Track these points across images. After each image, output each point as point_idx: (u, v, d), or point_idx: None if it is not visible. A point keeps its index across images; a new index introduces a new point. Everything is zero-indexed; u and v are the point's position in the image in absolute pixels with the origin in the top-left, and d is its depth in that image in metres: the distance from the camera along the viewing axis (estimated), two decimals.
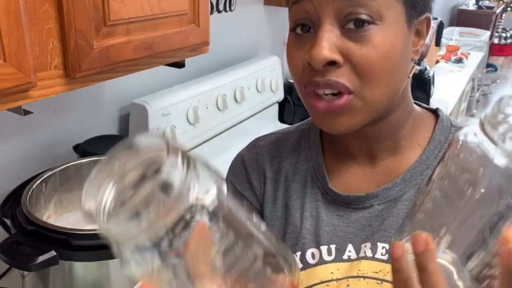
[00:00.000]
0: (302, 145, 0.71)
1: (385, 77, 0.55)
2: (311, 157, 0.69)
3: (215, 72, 1.55)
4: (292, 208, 0.68)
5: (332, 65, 0.53)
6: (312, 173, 0.68)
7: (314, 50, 0.53)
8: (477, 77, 4.45)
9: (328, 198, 0.66)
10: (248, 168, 0.73)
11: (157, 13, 0.79)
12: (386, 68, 0.54)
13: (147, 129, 1.24)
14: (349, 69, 0.54)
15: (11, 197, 0.88)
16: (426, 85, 2.08)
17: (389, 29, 0.54)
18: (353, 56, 0.53)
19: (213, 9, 1.52)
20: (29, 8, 0.61)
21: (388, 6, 0.54)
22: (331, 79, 0.54)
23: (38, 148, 1.09)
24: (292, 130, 0.74)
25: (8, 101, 0.62)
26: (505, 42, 6.49)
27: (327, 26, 0.53)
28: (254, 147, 0.74)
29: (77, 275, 0.78)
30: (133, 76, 0.87)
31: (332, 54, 0.53)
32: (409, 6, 0.56)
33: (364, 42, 0.53)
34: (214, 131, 1.49)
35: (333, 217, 0.65)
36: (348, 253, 0.63)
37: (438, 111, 0.67)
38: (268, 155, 0.72)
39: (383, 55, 0.53)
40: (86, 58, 0.69)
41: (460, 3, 5.53)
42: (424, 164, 0.63)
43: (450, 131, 0.65)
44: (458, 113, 2.95)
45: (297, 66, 0.57)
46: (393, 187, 0.63)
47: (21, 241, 0.75)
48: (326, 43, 0.53)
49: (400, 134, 0.64)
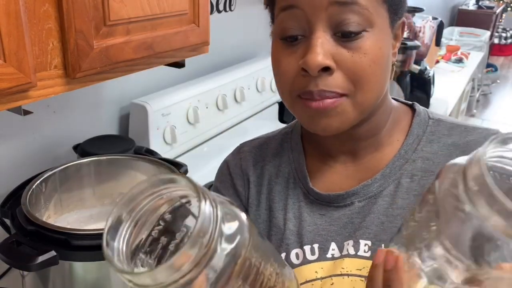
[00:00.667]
0: (285, 148, 0.73)
1: (375, 82, 0.57)
2: (293, 159, 0.71)
3: (215, 72, 1.55)
4: (275, 210, 0.69)
5: (326, 71, 0.55)
6: (294, 174, 0.69)
7: (309, 56, 0.54)
8: (477, 77, 4.44)
9: (310, 198, 0.67)
10: (232, 173, 0.74)
11: (157, 13, 0.79)
12: (376, 73, 0.56)
13: (147, 129, 1.24)
14: (342, 74, 0.55)
15: (11, 197, 0.88)
16: (426, 85, 2.08)
17: (378, 35, 0.56)
18: (345, 62, 0.55)
19: (213, 9, 1.52)
20: (29, 8, 0.61)
21: (377, 13, 0.55)
22: (324, 89, 0.55)
23: (38, 148, 1.09)
24: (275, 134, 0.76)
25: (8, 101, 0.62)
26: (505, 42, 6.49)
27: (320, 33, 0.54)
28: (239, 152, 0.76)
29: (77, 275, 0.78)
30: (133, 76, 0.87)
31: (326, 60, 0.54)
32: (392, 12, 0.58)
33: (356, 49, 0.54)
34: (214, 131, 1.49)
35: (315, 217, 0.66)
36: (331, 251, 0.63)
37: (414, 105, 0.69)
38: (252, 159, 0.73)
39: (373, 60, 0.55)
40: (86, 58, 0.69)
41: (460, 3, 5.53)
42: (402, 158, 0.64)
43: (428, 123, 0.66)
44: (458, 113, 2.95)
45: (287, 73, 0.58)
46: (373, 183, 0.64)
47: (21, 241, 0.75)
48: (320, 49, 0.54)
49: (381, 132, 0.65)
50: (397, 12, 0.59)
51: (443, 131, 0.65)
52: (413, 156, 0.64)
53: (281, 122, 1.87)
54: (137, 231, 0.35)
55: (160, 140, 1.28)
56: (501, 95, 5.38)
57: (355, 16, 0.54)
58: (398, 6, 0.59)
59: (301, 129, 0.73)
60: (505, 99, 5.28)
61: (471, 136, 0.63)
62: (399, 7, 0.59)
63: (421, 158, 0.63)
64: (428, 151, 0.64)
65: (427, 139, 0.64)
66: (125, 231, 0.34)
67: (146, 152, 1.10)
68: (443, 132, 0.65)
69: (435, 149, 0.64)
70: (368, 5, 0.54)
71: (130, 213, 0.35)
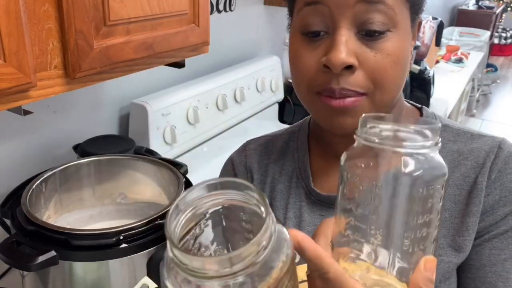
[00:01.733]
0: (290, 147, 0.73)
1: (394, 82, 0.57)
2: (298, 158, 0.71)
3: (215, 72, 1.55)
4: (276, 209, 0.69)
5: (348, 69, 0.55)
6: (297, 174, 0.69)
7: (333, 53, 0.54)
8: (477, 77, 4.44)
9: (311, 198, 0.67)
10: (236, 170, 0.74)
11: (157, 13, 0.79)
12: (397, 74, 0.56)
13: (147, 129, 1.24)
14: (363, 73, 0.55)
15: (11, 197, 0.88)
16: (426, 85, 2.08)
17: (401, 36, 0.56)
18: (368, 61, 0.55)
19: (213, 9, 1.52)
20: (29, 8, 0.61)
21: (401, 14, 0.55)
22: (345, 87, 0.55)
23: (38, 148, 1.09)
24: (281, 133, 0.76)
25: (8, 101, 0.62)
26: (505, 42, 6.48)
27: (345, 30, 0.54)
28: (244, 150, 0.76)
29: (77, 275, 0.78)
30: (133, 76, 0.87)
31: (350, 58, 0.54)
32: (414, 12, 0.58)
33: (379, 49, 0.55)
34: (214, 131, 1.49)
35: (315, 217, 0.66)
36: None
37: (422, 109, 0.69)
38: (257, 157, 0.74)
39: (395, 61, 0.55)
40: (86, 58, 0.69)
41: (460, 3, 5.53)
42: None
43: None
44: (458, 113, 2.95)
45: (307, 68, 0.57)
46: None
47: (21, 241, 0.75)
48: (344, 47, 0.54)
49: None
50: (418, 12, 0.59)
51: (448, 137, 0.65)
52: None
53: (281, 122, 1.87)
54: (189, 220, 0.35)
55: (160, 140, 1.28)
56: (501, 95, 5.37)
57: (380, 16, 0.54)
58: (419, 6, 0.59)
59: (308, 128, 0.72)
60: (505, 99, 5.28)
61: (476, 144, 0.63)
62: (420, 6, 0.59)
63: None
64: None
65: None
66: (182, 218, 0.35)
67: (146, 152, 1.10)
68: (449, 138, 0.65)
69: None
70: (394, 5, 0.54)
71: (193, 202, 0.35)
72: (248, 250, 0.30)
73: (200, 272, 0.30)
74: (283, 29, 0.71)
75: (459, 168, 0.62)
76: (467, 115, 4.51)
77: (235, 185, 0.35)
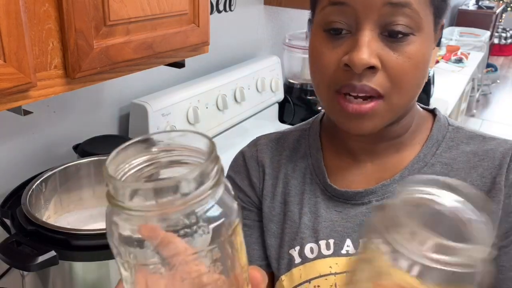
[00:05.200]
0: (302, 144, 0.73)
1: (412, 85, 0.57)
2: (311, 155, 0.71)
3: (215, 72, 1.55)
4: (290, 204, 0.69)
5: (370, 69, 0.55)
6: (311, 170, 0.70)
7: (355, 53, 0.54)
8: (477, 77, 4.44)
9: (327, 194, 0.67)
10: (248, 164, 0.74)
11: (157, 13, 0.79)
12: (416, 78, 0.57)
13: (147, 129, 1.24)
14: (384, 75, 0.55)
15: (11, 197, 0.88)
16: (426, 85, 2.07)
17: (423, 40, 0.56)
18: (389, 63, 0.55)
19: (213, 9, 1.52)
20: (29, 8, 0.61)
21: (426, 18, 0.56)
22: (366, 84, 0.55)
23: (38, 148, 1.09)
24: (292, 130, 0.76)
25: (8, 101, 0.62)
26: (505, 42, 6.48)
27: (368, 31, 0.54)
28: (255, 144, 0.76)
29: (77, 275, 0.78)
30: (133, 76, 0.87)
31: (372, 59, 0.54)
32: (437, 16, 0.58)
33: (401, 52, 0.55)
34: (214, 131, 1.49)
35: (331, 213, 0.66)
36: (346, 248, 0.64)
37: (435, 111, 0.70)
38: (269, 152, 0.74)
39: (416, 66, 0.56)
40: (86, 58, 0.69)
41: (460, 3, 5.53)
42: (422, 161, 0.64)
43: (447, 129, 0.67)
44: (458, 113, 2.95)
45: (328, 66, 0.57)
46: (391, 183, 0.64)
47: (21, 241, 0.75)
48: (367, 48, 0.54)
49: (405, 134, 0.66)
50: (441, 16, 0.59)
51: (461, 139, 0.65)
52: (432, 160, 0.64)
53: (281, 122, 1.87)
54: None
55: None
56: (501, 95, 5.37)
57: (405, 19, 0.54)
58: (443, 10, 0.59)
59: (319, 126, 0.73)
60: (505, 99, 5.28)
61: (489, 146, 0.64)
62: (443, 11, 0.59)
63: (440, 163, 0.64)
64: (447, 157, 0.64)
65: (446, 145, 0.65)
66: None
67: None
68: (462, 140, 0.65)
69: (453, 155, 0.64)
70: (419, 9, 0.54)
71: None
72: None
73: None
74: (283, 29, 0.71)
75: (476, 169, 0.62)
76: (467, 115, 4.51)
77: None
